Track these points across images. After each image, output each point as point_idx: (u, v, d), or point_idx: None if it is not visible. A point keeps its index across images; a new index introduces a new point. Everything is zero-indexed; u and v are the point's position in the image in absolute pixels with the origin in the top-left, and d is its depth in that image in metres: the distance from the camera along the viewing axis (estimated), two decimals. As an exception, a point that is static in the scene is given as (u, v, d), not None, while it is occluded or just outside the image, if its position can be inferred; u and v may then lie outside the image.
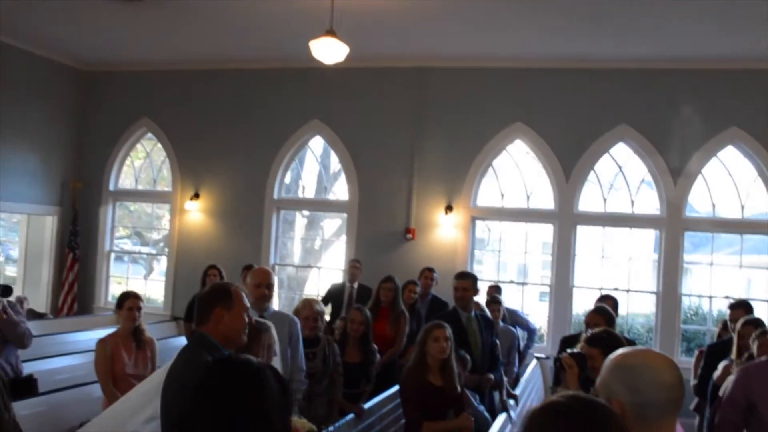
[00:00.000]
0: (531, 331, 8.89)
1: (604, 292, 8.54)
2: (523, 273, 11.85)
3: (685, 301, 10.62)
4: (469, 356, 5.89)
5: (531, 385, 8.05)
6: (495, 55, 9.68)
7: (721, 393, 4.71)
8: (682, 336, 9.49)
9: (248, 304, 3.26)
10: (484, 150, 9.97)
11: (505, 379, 6.52)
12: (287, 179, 11.42)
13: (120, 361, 5.66)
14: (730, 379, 4.46)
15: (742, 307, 6.38)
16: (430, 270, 8.75)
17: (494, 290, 8.64)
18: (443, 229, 10.01)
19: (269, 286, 5.14)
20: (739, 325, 5.50)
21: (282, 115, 10.78)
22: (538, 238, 10.87)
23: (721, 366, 5.42)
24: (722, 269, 10.16)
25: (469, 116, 10.00)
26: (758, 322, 5.45)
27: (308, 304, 5.70)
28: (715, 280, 9.77)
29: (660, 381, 1.95)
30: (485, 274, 11.79)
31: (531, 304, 11.19)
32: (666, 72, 9.37)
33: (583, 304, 9.58)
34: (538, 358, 9.01)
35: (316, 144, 11.26)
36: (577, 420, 1.55)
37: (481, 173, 10.06)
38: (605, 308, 5.11)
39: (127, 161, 12.13)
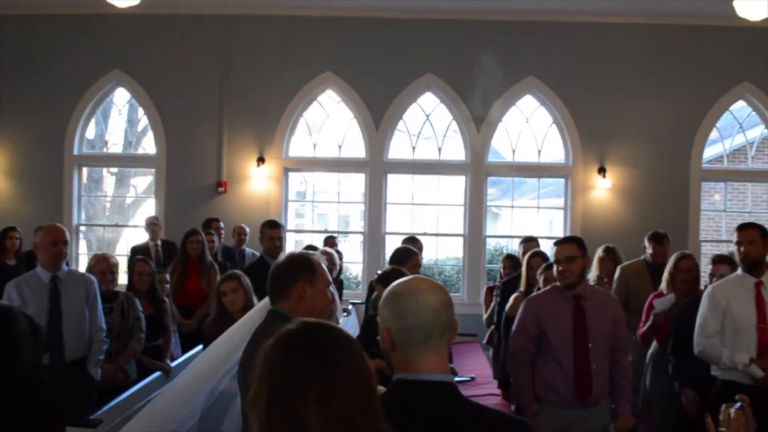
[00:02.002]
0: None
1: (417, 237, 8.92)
2: (344, 223, 12.02)
3: (491, 243, 11.24)
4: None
5: (347, 330, 8.21)
6: (302, 3, 9.58)
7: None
8: (488, 275, 10.01)
9: (330, 279, 2.89)
10: (295, 100, 9.89)
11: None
12: (91, 134, 10.80)
13: None
14: (520, 310, 4.73)
15: (533, 240, 6.83)
16: (216, 220, 8.73)
17: (331, 241, 8.84)
18: (256, 182, 9.89)
19: (66, 243, 5.00)
20: (527, 257, 5.87)
21: (79, 65, 10.05)
22: (355, 188, 11.03)
23: (511, 298, 5.76)
24: (526, 212, 10.83)
25: (279, 66, 9.86)
26: (544, 255, 5.84)
27: (101, 258, 5.49)
28: (519, 223, 10.40)
29: (424, 305, 1.98)
30: (306, 225, 11.85)
31: (353, 254, 11.37)
32: (468, 23, 9.69)
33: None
34: (353, 304, 9.19)
35: (120, 96, 10.68)
36: (294, 339, 1.59)
37: (292, 123, 10.00)
38: (399, 249, 5.33)
39: None
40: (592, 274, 6.44)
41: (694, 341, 4.61)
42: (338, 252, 8.40)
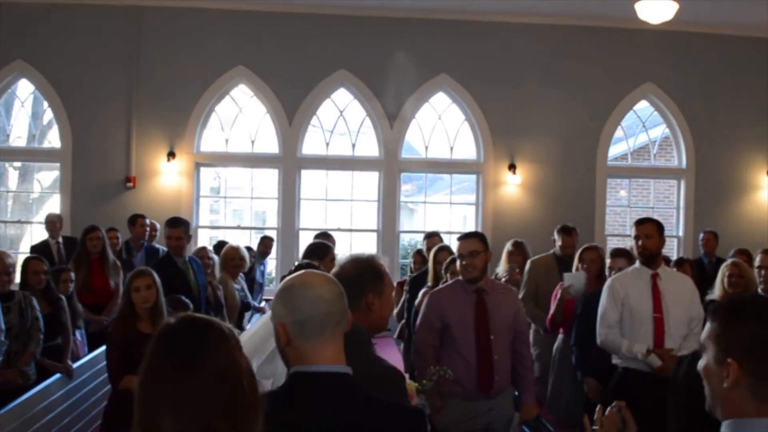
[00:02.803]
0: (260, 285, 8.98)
1: (330, 233, 8.96)
2: (260, 219, 11.89)
3: (407, 238, 11.36)
4: (189, 300, 5.81)
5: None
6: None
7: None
8: (402, 270, 10.09)
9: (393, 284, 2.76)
10: (207, 94, 9.72)
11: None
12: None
13: None
14: (423, 305, 4.79)
15: (436, 235, 6.94)
16: (142, 217, 8.48)
17: (267, 242, 9.05)
18: (166, 177, 9.67)
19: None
20: (433, 252, 5.96)
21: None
22: (270, 184, 10.92)
23: (420, 293, 5.82)
24: (439, 207, 10.95)
25: (190, 59, 9.66)
26: (450, 249, 5.92)
27: (-3, 257, 5.27)
28: (434, 218, 10.52)
29: (317, 297, 1.99)
30: (221, 221, 11.67)
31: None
32: (381, 19, 9.74)
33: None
34: (267, 300, 9.12)
35: (24, 88, 10.26)
36: (165, 337, 1.59)
37: (204, 118, 9.82)
38: (315, 244, 5.34)
39: None
40: (501, 268, 6.59)
41: (597, 331, 4.77)
42: (250, 250, 8.28)
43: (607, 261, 5.48)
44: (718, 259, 8.07)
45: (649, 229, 4.75)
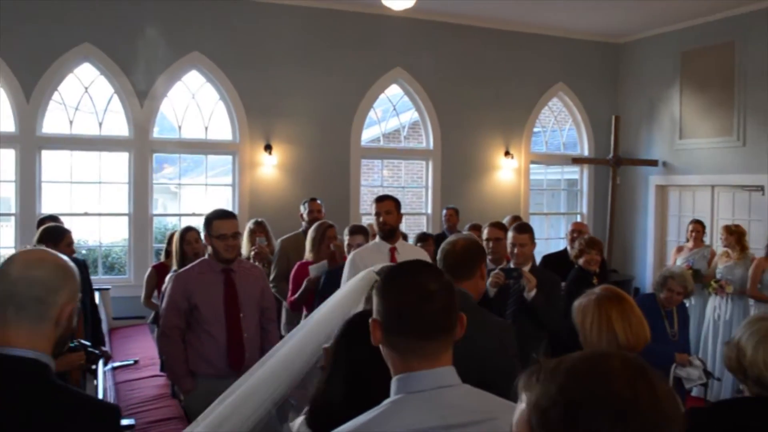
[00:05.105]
0: None
1: (76, 218, 8.52)
2: (5, 205, 10.95)
3: (165, 221, 11.02)
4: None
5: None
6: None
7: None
8: (157, 255, 9.77)
9: None
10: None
11: None
12: None
13: None
14: (168, 287, 4.73)
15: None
16: None
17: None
18: None
19: None
20: (179, 232, 5.90)
21: None
22: (7, 165, 10.04)
23: (168, 276, 5.71)
24: (198, 189, 10.73)
25: None
26: (197, 229, 5.90)
27: None
28: (193, 200, 10.31)
29: (2, 273, 1.94)
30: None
31: (7, 239, 10.40)
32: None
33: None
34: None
35: None
36: None
37: None
38: (49, 228, 5.11)
39: None
40: (245, 249, 6.68)
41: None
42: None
43: (346, 238, 5.69)
44: (458, 233, 8.69)
45: (388, 206, 5.07)
